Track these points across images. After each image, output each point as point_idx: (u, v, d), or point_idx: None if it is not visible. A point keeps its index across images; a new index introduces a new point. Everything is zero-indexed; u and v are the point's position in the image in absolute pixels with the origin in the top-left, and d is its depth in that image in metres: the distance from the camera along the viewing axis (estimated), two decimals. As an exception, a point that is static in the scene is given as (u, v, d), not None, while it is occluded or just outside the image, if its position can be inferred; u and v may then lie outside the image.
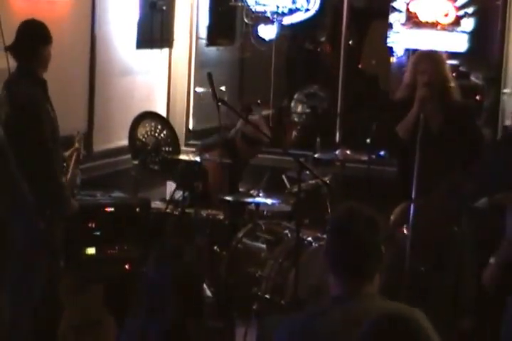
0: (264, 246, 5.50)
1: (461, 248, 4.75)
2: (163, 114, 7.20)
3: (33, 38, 4.67)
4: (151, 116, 6.26)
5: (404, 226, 4.68)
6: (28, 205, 4.48)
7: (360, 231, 2.47)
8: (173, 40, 7.27)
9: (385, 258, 2.52)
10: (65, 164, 4.92)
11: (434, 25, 7.09)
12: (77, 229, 5.09)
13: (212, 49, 8.07)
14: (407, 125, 4.73)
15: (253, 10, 7.48)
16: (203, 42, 7.77)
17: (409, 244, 4.60)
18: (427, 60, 4.81)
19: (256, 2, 7.45)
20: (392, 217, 4.78)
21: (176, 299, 2.49)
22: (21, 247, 4.56)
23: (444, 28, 7.03)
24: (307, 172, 5.04)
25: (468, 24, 7.01)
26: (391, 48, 7.53)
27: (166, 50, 7.30)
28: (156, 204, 5.90)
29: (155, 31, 7.00)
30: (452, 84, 4.86)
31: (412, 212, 4.59)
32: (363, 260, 2.46)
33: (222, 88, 7.37)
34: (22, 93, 4.58)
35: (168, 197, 6.23)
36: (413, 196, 4.59)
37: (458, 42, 7.02)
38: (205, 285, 5.07)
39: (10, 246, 4.65)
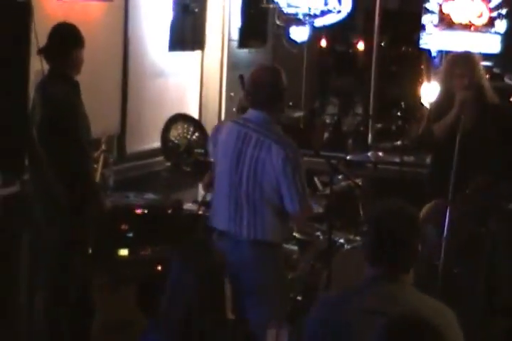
0: (296, 248, 5.49)
1: (493, 249, 4.71)
2: (196, 115, 7.22)
3: (65, 40, 4.69)
4: (183, 118, 6.29)
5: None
6: (63, 206, 4.52)
7: (398, 223, 2.54)
8: (205, 42, 7.29)
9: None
10: (95, 165, 4.96)
11: (467, 26, 7.04)
12: (110, 231, 5.12)
13: (244, 51, 8.08)
14: (445, 125, 4.74)
15: (285, 12, 7.48)
16: (235, 44, 7.78)
17: (444, 245, 4.58)
18: (464, 63, 4.79)
19: (288, 4, 7.45)
20: (421, 214, 4.76)
21: (192, 297, 2.50)
22: (57, 248, 4.59)
23: (477, 30, 6.98)
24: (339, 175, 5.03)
25: (502, 25, 6.96)
26: (429, 51, 7.47)
27: (198, 52, 7.33)
28: (188, 205, 5.92)
29: (187, 33, 7.02)
30: (487, 84, 4.84)
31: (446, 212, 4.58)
32: (399, 250, 2.50)
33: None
34: (57, 94, 4.60)
35: (200, 198, 6.25)
36: (449, 195, 4.57)
37: (491, 43, 6.97)
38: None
39: (45, 247, 4.69)
